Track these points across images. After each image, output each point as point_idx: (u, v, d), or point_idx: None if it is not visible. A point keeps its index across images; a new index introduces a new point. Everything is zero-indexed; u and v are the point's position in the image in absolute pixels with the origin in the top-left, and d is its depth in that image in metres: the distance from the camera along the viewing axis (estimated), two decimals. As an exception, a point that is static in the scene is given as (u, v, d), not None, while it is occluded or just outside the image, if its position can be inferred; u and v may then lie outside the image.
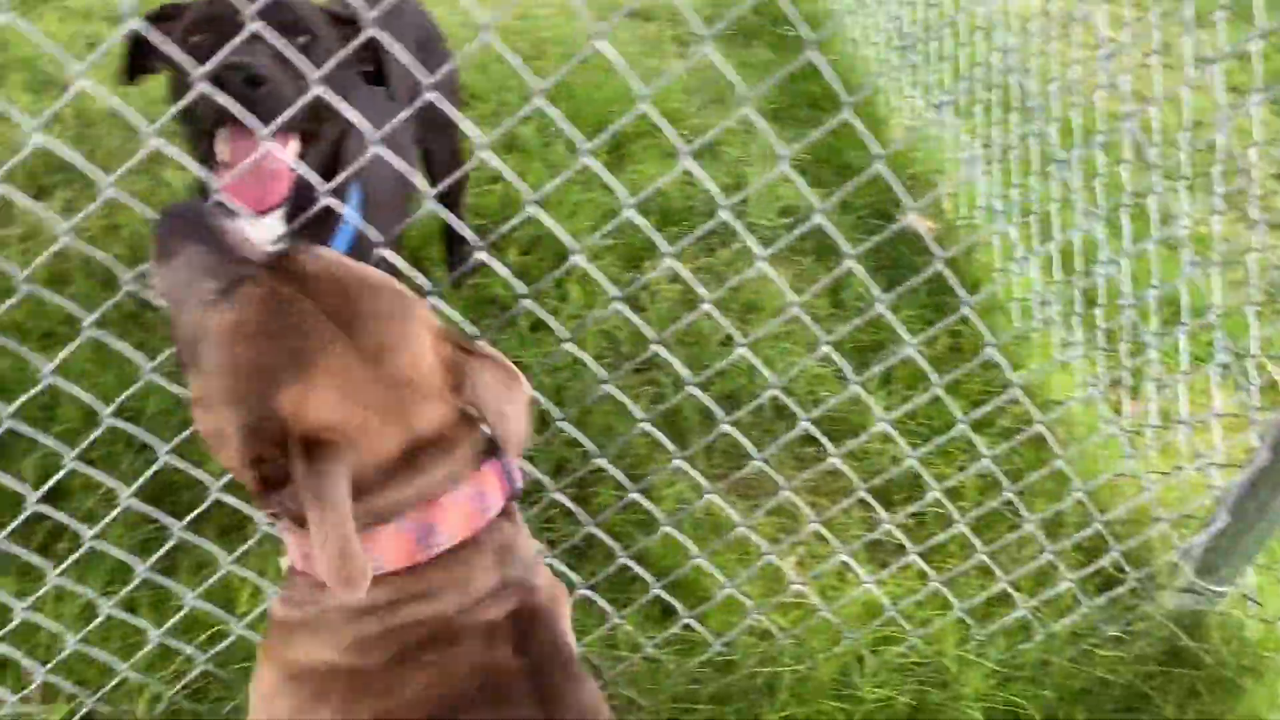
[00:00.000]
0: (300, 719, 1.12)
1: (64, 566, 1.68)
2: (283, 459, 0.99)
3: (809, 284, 2.96)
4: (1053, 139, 2.88)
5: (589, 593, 1.93)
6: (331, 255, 1.11)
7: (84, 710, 1.82)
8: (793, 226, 3.13)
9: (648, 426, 1.72)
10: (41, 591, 1.75)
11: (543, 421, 2.49)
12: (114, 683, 1.81)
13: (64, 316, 2.54)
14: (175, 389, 1.40)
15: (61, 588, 1.76)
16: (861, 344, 2.80)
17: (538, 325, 2.69)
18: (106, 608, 1.72)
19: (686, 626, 1.94)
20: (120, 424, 1.51)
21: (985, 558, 1.85)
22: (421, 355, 1.05)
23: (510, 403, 1.11)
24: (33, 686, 1.80)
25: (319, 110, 1.48)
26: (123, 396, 1.54)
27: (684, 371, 1.61)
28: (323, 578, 0.96)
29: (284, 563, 1.25)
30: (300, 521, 1.08)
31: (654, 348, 1.59)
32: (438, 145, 2.47)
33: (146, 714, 1.82)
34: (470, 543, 1.07)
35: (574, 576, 1.92)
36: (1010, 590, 1.94)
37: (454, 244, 2.82)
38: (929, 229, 3.12)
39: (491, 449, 1.13)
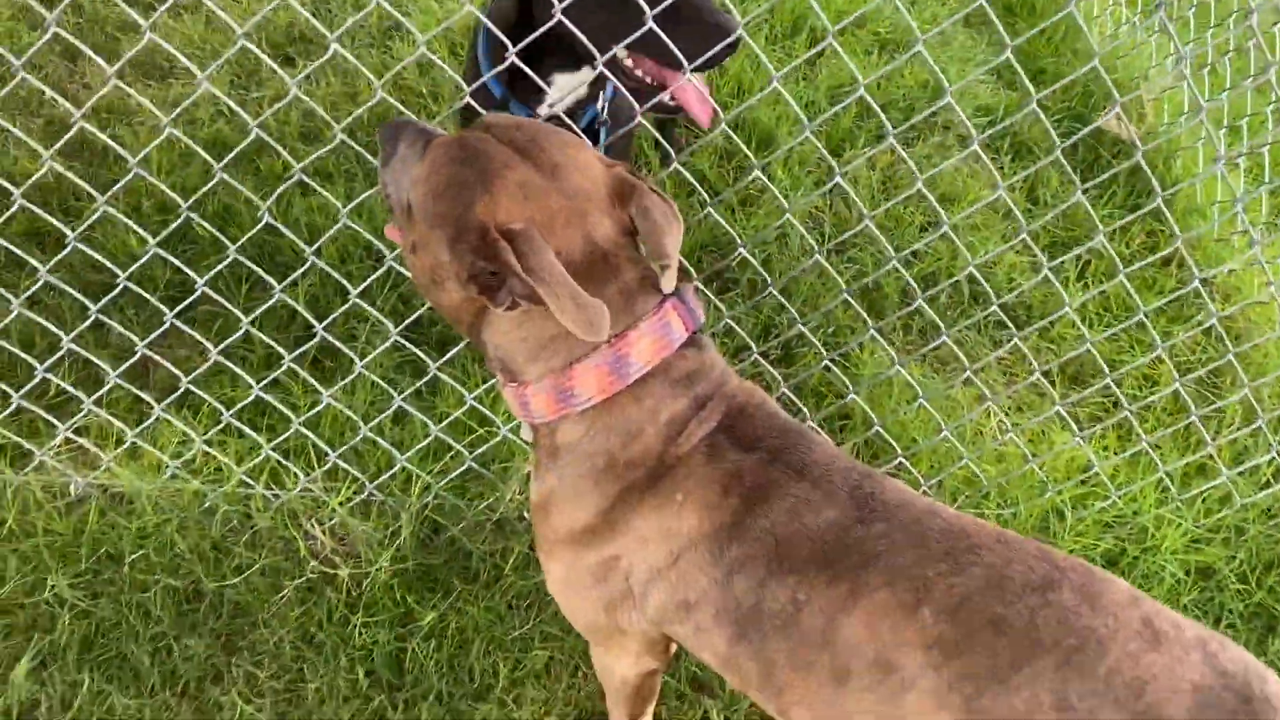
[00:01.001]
0: (599, 567, 1.29)
1: (370, 358, 1.92)
2: (491, 263, 1.15)
3: (1006, 181, 3.03)
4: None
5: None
6: (511, 116, 1.30)
7: (363, 495, 2.08)
8: (989, 125, 3.18)
9: (849, 297, 1.86)
10: (345, 381, 2.00)
11: (753, 288, 2.65)
12: (391, 472, 2.06)
13: (314, 168, 2.79)
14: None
15: (355, 382, 2.00)
16: (1057, 239, 2.87)
17: (746, 201, 2.84)
18: (398, 400, 1.95)
19: (900, 465, 2.09)
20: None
21: (1197, 420, 1.94)
22: (590, 175, 1.22)
23: (665, 219, 1.23)
24: (324, 468, 2.06)
25: None
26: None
27: (888, 248, 1.75)
28: (573, 329, 1.11)
29: (525, 434, 1.39)
30: (508, 372, 1.26)
31: (866, 222, 1.72)
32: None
33: (417, 502, 2.06)
34: (659, 370, 1.23)
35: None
36: (1214, 458, 2.04)
37: (664, 124, 2.96)
38: (1131, 131, 3.14)
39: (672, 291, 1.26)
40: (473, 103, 1.70)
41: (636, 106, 1.66)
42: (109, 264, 1.85)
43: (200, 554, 2.02)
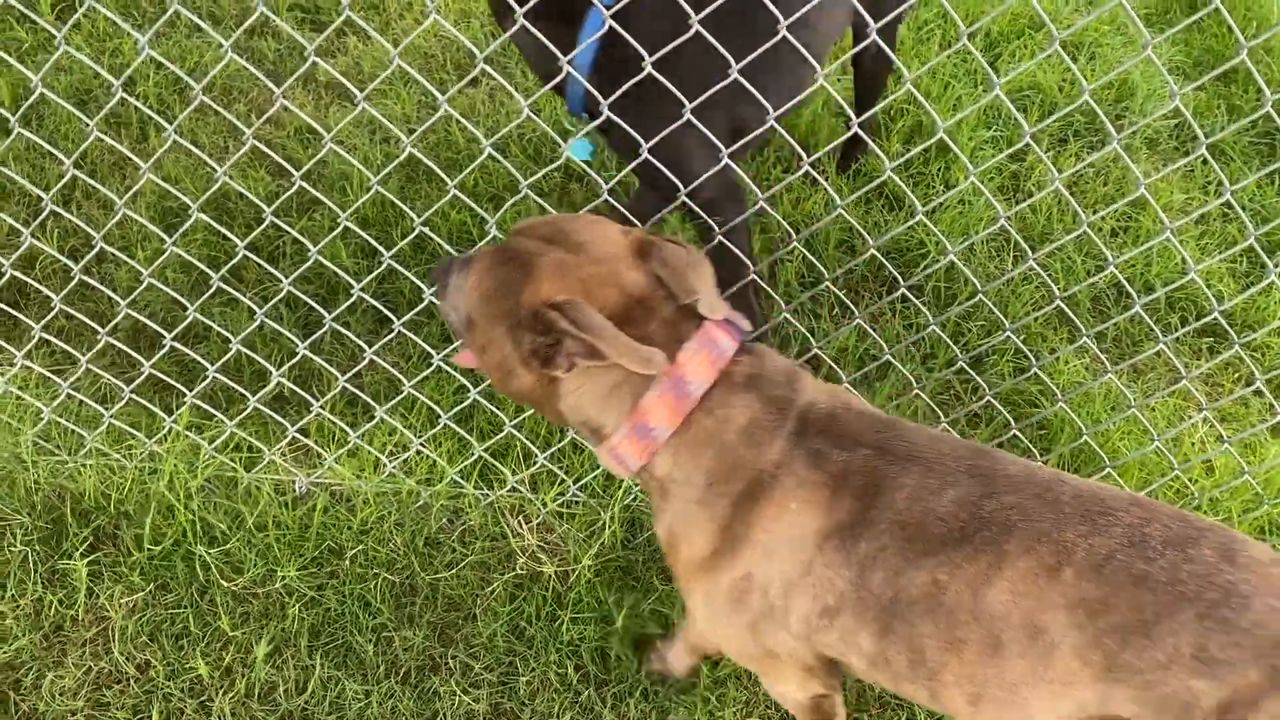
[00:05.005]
0: (733, 588, 1.34)
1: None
2: (547, 335, 1.29)
3: (1197, 186, 2.93)
4: None
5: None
6: (537, 217, 1.45)
7: (567, 495, 2.16)
8: (1178, 128, 3.09)
9: (1062, 304, 1.83)
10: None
11: (937, 296, 2.64)
12: (595, 473, 2.14)
13: (504, 183, 2.91)
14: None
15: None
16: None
17: (932, 210, 2.82)
18: (605, 405, 2.02)
19: (1107, 477, 2.05)
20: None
21: None
22: (612, 242, 1.37)
23: (690, 265, 1.35)
24: (530, 470, 2.14)
25: None
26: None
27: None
28: (633, 368, 1.26)
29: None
30: (594, 432, 1.38)
31: (1031, 261, 1.70)
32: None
33: (618, 503, 2.13)
34: (720, 381, 1.32)
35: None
36: None
37: (855, 137, 2.89)
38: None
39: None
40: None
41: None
42: (341, 274, 1.98)
43: (415, 549, 2.13)
